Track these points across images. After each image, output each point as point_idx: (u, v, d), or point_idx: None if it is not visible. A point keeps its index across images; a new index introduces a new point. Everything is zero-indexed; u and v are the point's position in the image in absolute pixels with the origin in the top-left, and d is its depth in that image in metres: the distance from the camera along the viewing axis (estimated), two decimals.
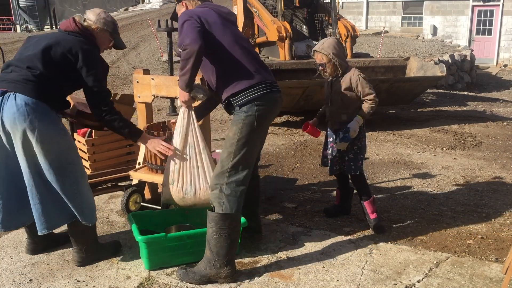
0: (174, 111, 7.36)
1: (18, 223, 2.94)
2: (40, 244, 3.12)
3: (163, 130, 3.54)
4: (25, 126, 2.60)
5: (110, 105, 2.91)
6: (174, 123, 3.26)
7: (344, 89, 3.36)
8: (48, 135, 2.67)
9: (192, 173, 3.00)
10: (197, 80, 2.87)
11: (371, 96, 3.34)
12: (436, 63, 8.28)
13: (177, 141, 2.99)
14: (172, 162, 3.04)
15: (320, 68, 3.39)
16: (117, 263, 3.00)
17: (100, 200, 4.01)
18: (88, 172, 4.14)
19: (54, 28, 28.17)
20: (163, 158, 3.15)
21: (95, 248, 3.01)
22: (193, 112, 2.96)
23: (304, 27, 8.99)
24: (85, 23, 2.92)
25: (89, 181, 3.07)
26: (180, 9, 3.07)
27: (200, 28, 2.69)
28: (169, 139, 3.11)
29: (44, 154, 2.66)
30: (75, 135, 4.30)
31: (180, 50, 2.67)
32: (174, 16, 3.27)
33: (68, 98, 3.29)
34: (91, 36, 2.92)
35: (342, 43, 3.40)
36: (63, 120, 2.97)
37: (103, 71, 2.89)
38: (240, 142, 2.72)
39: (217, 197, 2.72)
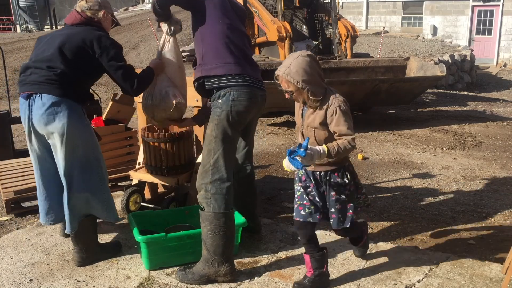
0: None
1: (60, 217, 2.98)
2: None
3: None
4: (54, 125, 2.67)
5: (136, 77, 2.91)
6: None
7: (319, 123, 2.52)
8: (76, 131, 2.73)
9: (158, 82, 3.07)
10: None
11: (349, 138, 2.42)
12: (436, 63, 8.26)
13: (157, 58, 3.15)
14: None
15: (286, 95, 2.56)
16: (117, 263, 3.00)
17: None
18: None
19: (54, 28, 28.17)
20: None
21: (96, 249, 3.02)
22: (172, 39, 3.08)
23: (304, 27, 8.98)
24: (89, 12, 2.92)
25: None
26: None
27: None
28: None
29: (72, 150, 2.73)
30: None
31: None
32: None
33: None
34: (97, 23, 2.95)
35: (315, 59, 2.49)
36: None
37: (120, 51, 2.91)
38: (218, 139, 2.72)
39: (204, 197, 2.72)
